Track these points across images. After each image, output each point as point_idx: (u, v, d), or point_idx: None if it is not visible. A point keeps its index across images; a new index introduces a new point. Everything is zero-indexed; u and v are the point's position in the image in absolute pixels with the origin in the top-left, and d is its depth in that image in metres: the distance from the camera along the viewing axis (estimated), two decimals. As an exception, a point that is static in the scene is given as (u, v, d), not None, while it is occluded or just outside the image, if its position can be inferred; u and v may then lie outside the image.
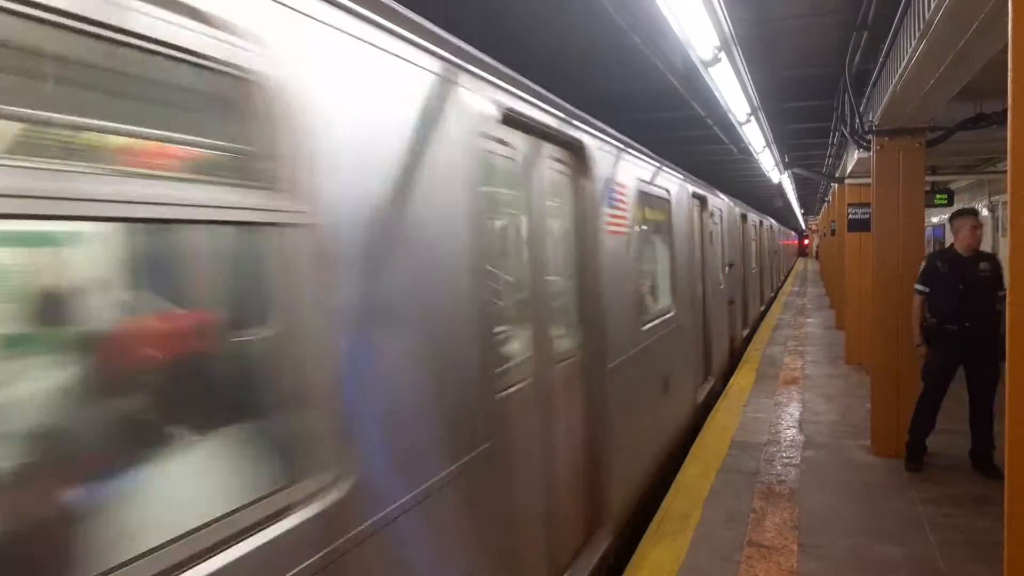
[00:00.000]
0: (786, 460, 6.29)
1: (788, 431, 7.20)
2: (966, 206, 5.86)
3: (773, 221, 22.98)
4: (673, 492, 5.60)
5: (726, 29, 4.29)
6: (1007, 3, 2.21)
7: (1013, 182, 2.13)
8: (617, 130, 5.12)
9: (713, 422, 7.62)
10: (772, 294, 20.81)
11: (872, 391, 6.54)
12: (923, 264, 5.92)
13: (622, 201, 5.06)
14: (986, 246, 17.00)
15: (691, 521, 5.01)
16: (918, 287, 5.85)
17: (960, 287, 5.59)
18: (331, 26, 2.08)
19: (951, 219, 5.92)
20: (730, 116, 7.55)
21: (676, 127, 11.47)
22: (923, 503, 5.19)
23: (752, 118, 7.45)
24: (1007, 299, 2.22)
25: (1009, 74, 2.13)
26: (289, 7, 1.93)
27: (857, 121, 6.91)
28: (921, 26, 3.99)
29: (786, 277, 34.10)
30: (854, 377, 9.71)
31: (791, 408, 8.15)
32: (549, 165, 3.90)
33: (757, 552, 4.48)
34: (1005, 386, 5.55)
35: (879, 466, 6.08)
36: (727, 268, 10.85)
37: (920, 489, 5.47)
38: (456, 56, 2.75)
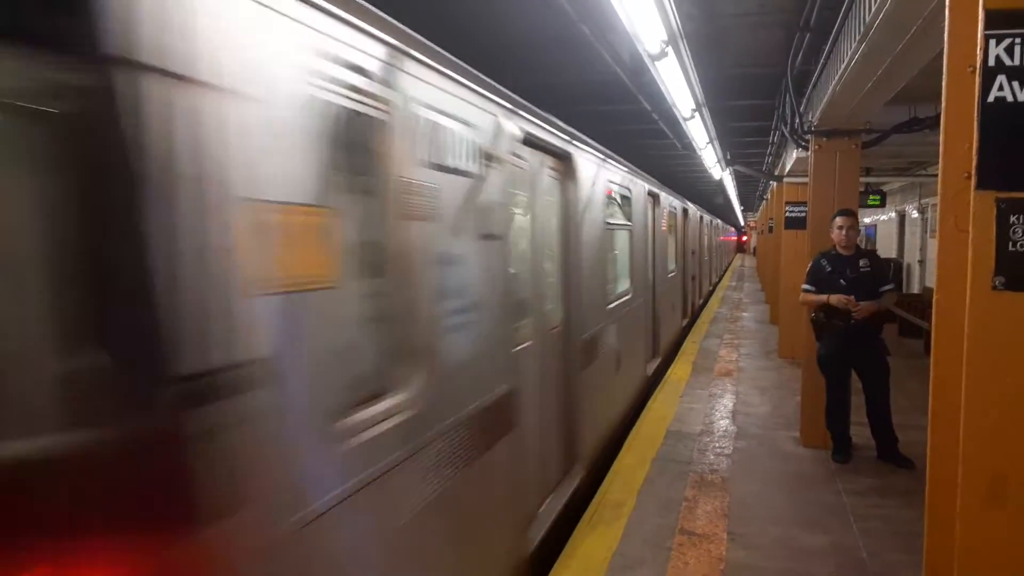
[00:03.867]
0: (719, 450, 6.43)
1: (722, 422, 7.37)
2: (843, 207, 6.12)
3: (715, 218, 24.60)
4: (609, 480, 5.67)
5: (674, 24, 4.33)
6: (943, 10, 2.28)
7: (944, 186, 2.21)
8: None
9: (650, 412, 7.74)
10: (710, 287, 22.49)
11: (802, 384, 6.74)
12: (809, 264, 6.16)
13: (597, 198, 6.01)
14: (914, 247, 17.70)
15: (625, 509, 5.08)
16: (805, 286, 6.11)
17: (842, 283, 5.85)
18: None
19: (832, 219, 6.14)
20: (675, 111, 7.64)
21: (621, 120, 11.56)
22: (848, 493, 5.37)
23: (696, 114, 7.55)
24: (935, 294, 2.30)
25: (943, 78, 2.20)
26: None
27: (797, 121, 7.08)
28: (861, 29, 4.09)
29: (724, 271, 34.90)
30: (787, 370, 9.98)
31: (725, 400, 8.34)
32: (547, 172, 4.86)
33: (688, 540, 4.57)
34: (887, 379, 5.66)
35: (808, 457, 6.27)
36: (671, 271, 11.91)
37: (846, 480, 5.66)
38: (501, 98, 3.70)
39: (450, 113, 2.96)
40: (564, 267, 5.23)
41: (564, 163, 5.15)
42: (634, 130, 12.56)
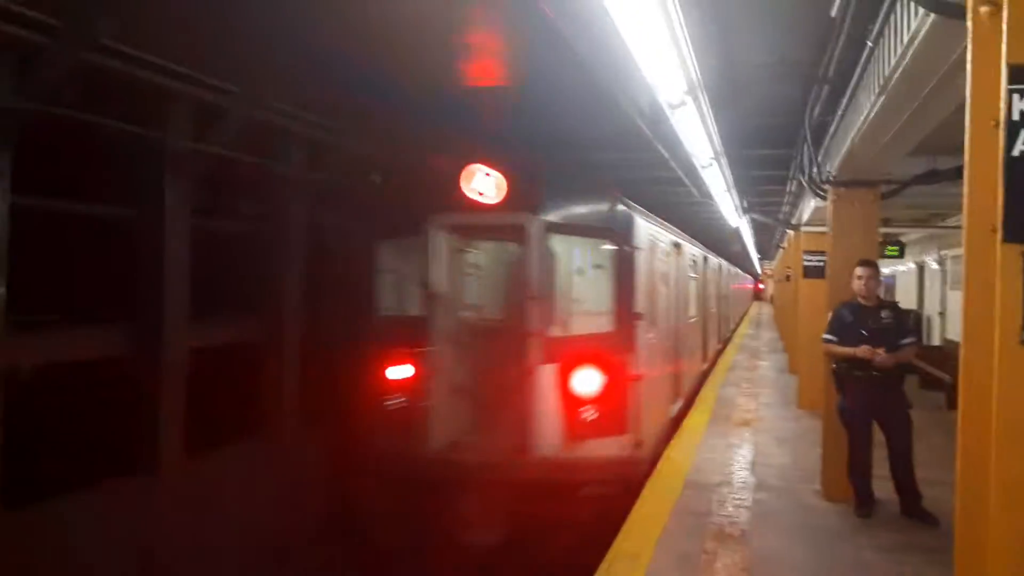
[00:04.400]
0: (738, 502, 6.32)
1: (741, 473, 7.25)
2: (865, 258, 6.10)
3: (733, 266, 27.52)
4: (625, 531, 5.57)
5: (693, 75, 4.39)
6: (963, 64, 2.30)
7: (968, 240, 2.20)
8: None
9: (667, 461, 7.63)
10: (728, 334, 24.07)
11: (823, 436, 6.63)
12: (830, 315, 6.11)
13: (688, 264, 12.47)
14: (934, 298, 17.53)
15: (642, 561, 4.98)
16: (826, 336, 6.05)
17: (864, 334, 5.78)
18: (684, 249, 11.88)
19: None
20: (693, 159, 7.69)
21: (638, 167, 11.65)
22: (872, 549, 5.25)
23: (714, 162, 7.59)
24: (961, 348, 2.27)
25: (967, 132, 2.21)
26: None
27: (815, 171, 7.10)
28: (880, 82, 4.13)
29: (741, 319, 34.63)
30: (806, 421, 9.83)
31: (744, 450, 8.22)
32: (673, 253, 10.36)
33: (708, 595, 4.47)
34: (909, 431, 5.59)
35: (830, 511, 6.14)
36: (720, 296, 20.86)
37: (869, 535, 5.53)
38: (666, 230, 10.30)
39: (691, 255, 11.95)
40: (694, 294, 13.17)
41: (677, 248, 11.06)
42: (652, 177, 12.65)
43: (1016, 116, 1.97)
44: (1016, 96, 1.97)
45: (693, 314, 12.74)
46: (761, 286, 61.34)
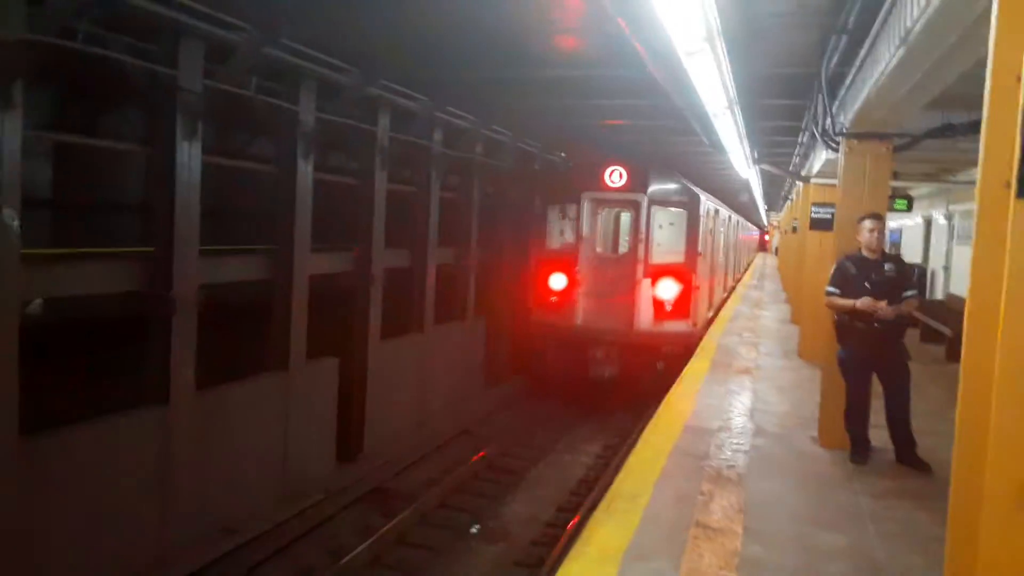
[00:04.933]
0: (736, 446, 6.46)
1: (739, 419, 7.39)
2: (874, 211, 6.12)
3: (740, 217, 31.57)
4: (624, 473, 5.72)
5: (712, 21, 4.34)
6: (987, 18, 2.29)
7: (981, 195, 2.22)
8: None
9: (667, 406, 7.77)
10: (740, 273, 31.35)
11: (822, 385, 6.74)
12: (833, 267, 6.15)
13: (722, 221, 19.13)
14: (940, 253, 17.52)
15: (641, 501, 5.11)
16: (829, 289, 6.10)
17: (867, 287, 5.85)
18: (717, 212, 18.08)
19: (858, 221, 6.13)
20: (706, 108, 7.62)
21: (650, 116, 11.54)
22: (865, 495, 5.39)
23: (727, 112, 7.53)
24: (967, 300, 2.32)
25: (987, 86, 2.21)
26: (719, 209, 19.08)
27: (829, 122, 7.05)
28: (901, 34, 4.08)
29: (746, 269, 35.68)
30: (806, 371, 9.95)
31: (743, 397, 8.35)
32: (714, 216, 16.66)
33: (703, 533, 4.61)
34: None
35: (826, 457, 6.28)
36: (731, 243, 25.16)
37: (863, 482, 5.68)
38: (711, 201, 16.97)
39: (724, 216, 19.68)
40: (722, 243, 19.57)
41: (718, 212, 17.79)
42: (662, 126, 12.54)
43: (1038, 72, 1.97)
44: (1040, 52, 1.97)
45: (721, 256, 19.39)
46: (767, 238, 61.17)
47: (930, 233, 18.93)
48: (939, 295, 16.80)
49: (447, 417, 12.47)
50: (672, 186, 13.83)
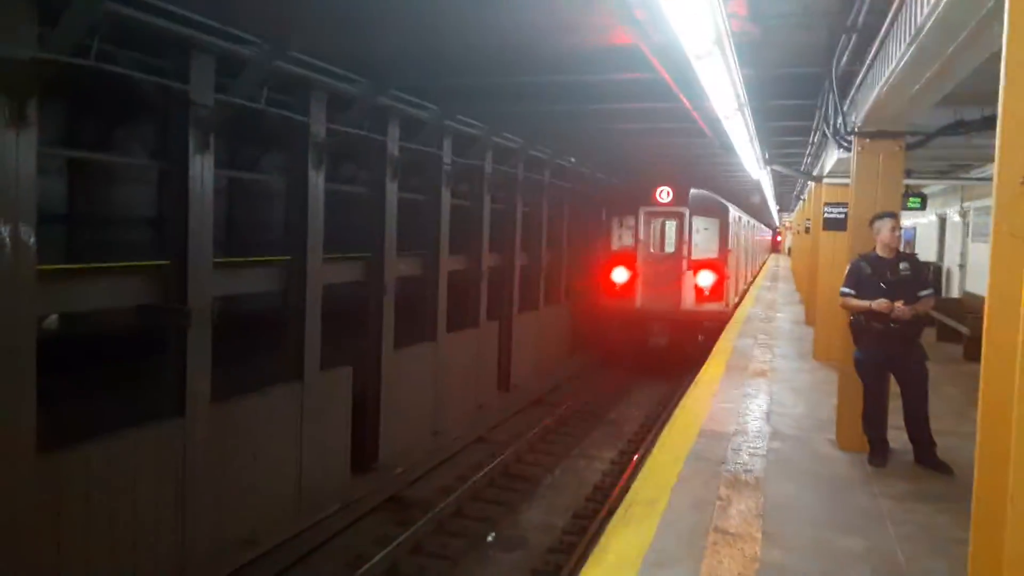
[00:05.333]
0: (753, 450, 6.41)
1: (756, 422, 7.34)
2: (884, 209, 6.08)
3: (752, 218, 33.72)
4: (642, 478, 5.69)
5: (721, 24, 4.33)
6: (1000, 12, 2.27)
7: (999, 192, 2.20)
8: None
9: (683, 410, 7.73)
10: (756, 268, 35.37)
11: (839, 386, 6.68)
12: (848, 267, 6.10)
13: (744, 225, 24.25)
14: (955, 251, 17.38)
15: (658, 507, 5.09)
16: (844, 290, 6.05)
17: (883, 287, 5.80)
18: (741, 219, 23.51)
19: (871, 221, 6.08)
20: (716, 111, 7.60)
21: (661, 118, 11.53)
22: (885, 497, 5.34)
23: (738, 113, 7.51)
24: (987, 300, 2.30)
25: (1001, 82, 2.19)
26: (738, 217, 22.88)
27: (840, 121, 7.01)
28: (911, 31, 4.06)
29: (760, 269, 36.60)
30: (821, 373, 9.89)
31: (759, 400, 8.30)
32: (738, 222, 21.46)
33: (722, 538, 4.58)
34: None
35: (844, 460, 6.23)
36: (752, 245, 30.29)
37: (883, 484, 5.62)
38: (745, 212, 26.55)
39: (744, 220, 24.34)
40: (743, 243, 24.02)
41: (740, 218, 22.83)
42: (674, 128, 12.51)
43: (1054, 68, 1.95)
44: (1055, 48, 1.95)
45: (744, 253, 23.87)
46: (779, 238, 60.87)
47: (944, 231, 18.77)
48: (955, 293, 16.65)
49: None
50: (707, 200, 18.62)
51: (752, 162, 13.37)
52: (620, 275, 18.23)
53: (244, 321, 8.90)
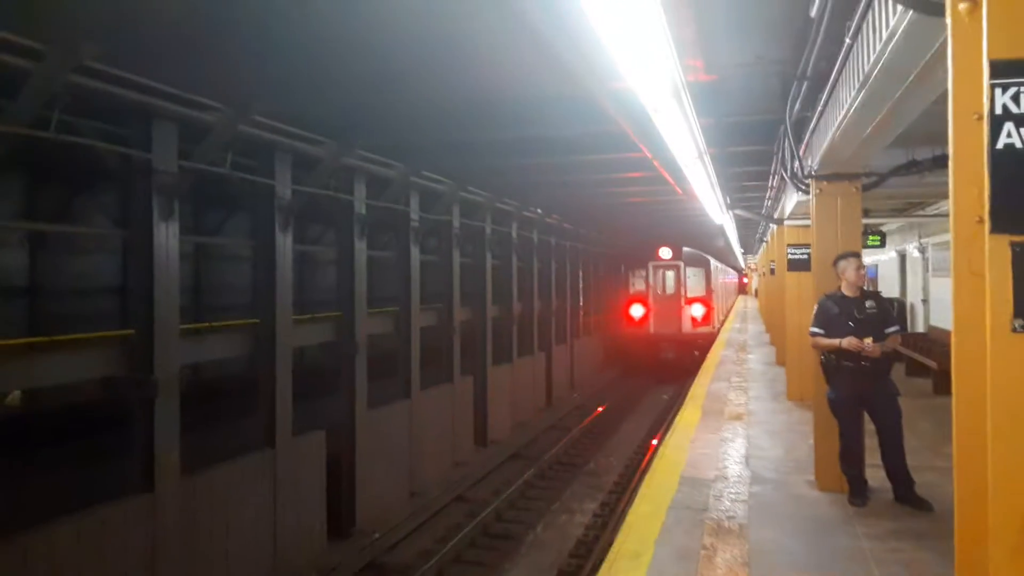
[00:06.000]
0: (734, 496, 6.37)
1: (735, 467, 7.31)
2: (847, 250, 6.22)
3: (725, 266, 41.02)
4: (625, 531, 5.61)
5: (677, 78, 4.44)
6: (942, 57, 2.35)
7: (956, 231, 2.25)
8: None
9: (663, 459, 7.68)
10: (730, 305, 43.00)
11: (815, 427, 6.70)
12: (815, 308, 6.18)
13: (720, 271, 32.70)
14: (916, 286, 17.73)
15: (643, 560, 5.01)
16: (814, 329, 6.12)
17: (851, 325, 5.88)
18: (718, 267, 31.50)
19: (835, 262, 6.19)
20: (676, 159, 7.76)
21: (622, 168, 11.73)
22: (867, 538, 5.31)
23: (698, 161, 7.66)
24: (952, 338, 2.33)
25: (950, 125, 2.26)
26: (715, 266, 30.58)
27: (797, 166, 7.18)
28: (860, 78, 4.19)
29: (730, 309, 39.60)
30: (796, 413, 9.94)
31: (737, 444, 8.29)
32: (716, 269, 29.64)
33: (709, 589, 4.51)
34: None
35: (824, 501, 6.21)
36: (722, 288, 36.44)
37: (864, 524, 5.60)
38: (719, 261, 33.73)
39: (720, 267, 32.23)
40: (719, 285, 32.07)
41: (716, 267, 30.05)
42: (635, 178, 12.73)
43: (999, 110, 2.01)
44: (998, 90, 2.01)
45: (721, 292, 31.68)
46: (745, 280, 61.70)
47: (905, 267, 19.19)
48: (919, 327, 16.94)
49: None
50: (694, 255, 26.63)
51: (715, 207, 13.61)
52: (637, 310, 26.39)
53: (214, 387, 8.73)
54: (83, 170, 7.38)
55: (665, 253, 26.03)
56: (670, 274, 26.25)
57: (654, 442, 14.69)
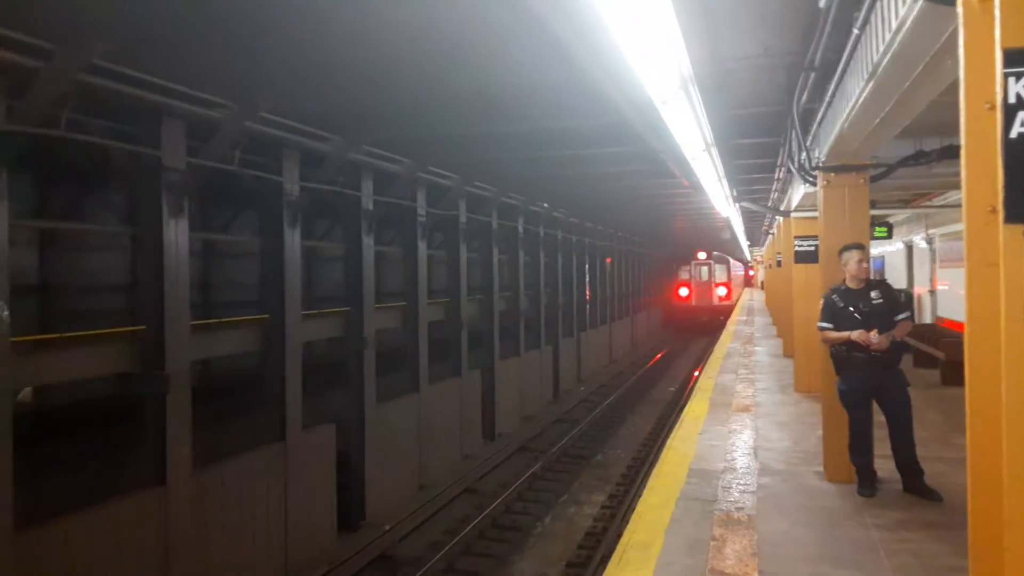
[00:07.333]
0: (743, 487, 6.38)
1: (744, 458, 7.32)
2: (854, 240, 6.21)
3: (736, 261, 50.97)
4: (634, 522, 5.63)
5: (685, 71, 4.44)
6: (952, 47, 2.35)
7: (969, 221, 2.25)
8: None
9: (671, 451, 7.70)
10: (740, 291, 52.11)
11: (824, 418, 6.71)
12: (821, 302, 6.19)
13: (734, 264, 46.03)
14: (924, 276, 17.68)
15: (653, 551, 5.03)
16: (821, 324, 6.12)
17: (857, 317, 5.89)
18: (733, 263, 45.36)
19: (839, 254, 6.19)
20: (684, 152, 7.75)
21: (629, 161, 11.72)
22: (877, 528, 5.32)
23: (705, 153, 7.65)
24: (965, 329, 2.33)
25: (961, 115, 2.26)
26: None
27: (804, 157, 7.17)
28: (869, 68, 4.19)
29: (736, 300, 43.85)
30: (804, 404, 9.93)
31: (745, 436, 8.29)
32: (733, 263, 45.45)
33: (720, 580, 4.53)
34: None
35: (833, 492, 6.22)
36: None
37: (873, 514, 5.61)
38: (729, 255, 45.06)
39: (733, 262, 44.76)
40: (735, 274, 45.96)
41: (731, 261, 43.84)
42: (642, 170, 12.71)
43: (1012, 99, 2.02)
44: (1012, 79, 2.02)
45: (735, 279, 45.73)
46: (751, 272, 61.57)
47: (912, 258, 19.14)
48: (927, 318, 16.90)
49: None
50: (719, 256, 41.20)
51: (721, 200, 13.60)
52: (684, 291, 41.07)
53: (225, 382, 8.77)
54: (92, 168, 7.41)
55: (701, 255, 40.98)
56: (704, 268, 41.23)
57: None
